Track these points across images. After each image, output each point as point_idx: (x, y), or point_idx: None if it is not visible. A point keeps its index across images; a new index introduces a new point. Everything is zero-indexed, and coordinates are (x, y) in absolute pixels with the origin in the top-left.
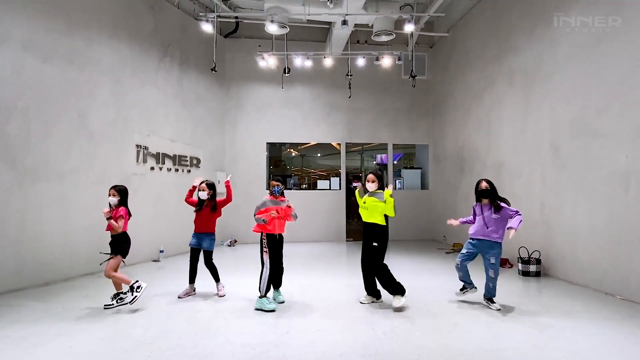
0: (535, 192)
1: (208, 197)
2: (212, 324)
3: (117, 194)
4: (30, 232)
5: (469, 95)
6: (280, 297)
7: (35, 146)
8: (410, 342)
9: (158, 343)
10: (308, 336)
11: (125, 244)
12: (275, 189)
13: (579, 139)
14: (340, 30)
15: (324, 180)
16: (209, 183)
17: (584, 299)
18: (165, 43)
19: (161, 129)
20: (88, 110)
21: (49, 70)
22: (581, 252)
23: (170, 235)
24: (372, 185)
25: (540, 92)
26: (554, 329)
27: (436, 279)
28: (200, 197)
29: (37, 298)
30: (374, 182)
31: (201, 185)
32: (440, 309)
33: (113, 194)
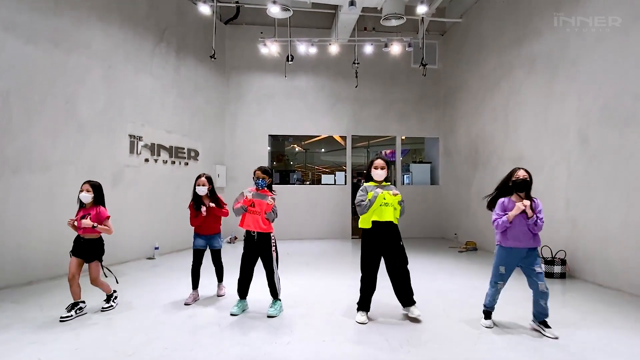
0: (560, 187)
1: (207, 192)
2: (204, 331)
3: (91, 190)
4: (11, 228)
5: (484, 84)
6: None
7: (17, 134)
8: (429, 356)
9: (140, 354)
10: (311, 348)
11: (103, 247)
12: (259, 181)
13: (612, 127)
14: (347, 15)
15: (328, 175)
16: (208, 176)
17: (617, 303)
18: (161, 27)
19: (157, 119)
20: (76, 97)
21: (32, 52)
22: (613, 252)
23: (166, 231)
24: (382, 172)
25: (566, 78)
26: (590, 338)
27: (452, 280)
28: (199, 192)
29: (16, 299)
30: (384, 168)
31: (200, 180)
32: (460, 316)
33: (87, 189)
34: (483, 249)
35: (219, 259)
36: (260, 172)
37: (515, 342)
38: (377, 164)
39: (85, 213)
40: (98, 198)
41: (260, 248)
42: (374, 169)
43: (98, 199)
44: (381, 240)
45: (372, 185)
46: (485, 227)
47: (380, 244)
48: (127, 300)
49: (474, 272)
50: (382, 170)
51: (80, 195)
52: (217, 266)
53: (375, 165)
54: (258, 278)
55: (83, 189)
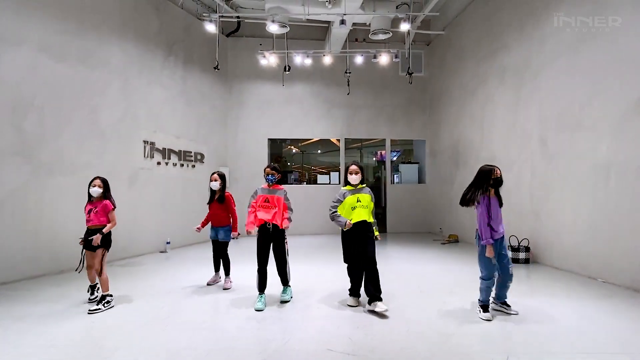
0: (525, 183)
1: (220, 187)
2: (218, 304)
3: (102, 185)
4: (47, 223)
5: (464, 91)
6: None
7: (50, 142)
8: (401, 317)
9: (172, 318)
10: (307, 313)
11: (110, 236)
12: (269, 177)
13: (565, 132)
14: (338, 30)
15: (324, 175)
16: (220, 173)
17: (568, 282)
18: (169, 43)
19: (167, 126)
20: (99, 107)
21: (62, 70)
22: (566, 239)
23: (177, 227)
24: (357, 177)
25: (530, 88)
26: (538, 307)
27: (430, 265)
28: (212, 187)
29: (55, 284)
30: (358, 173)
31: (213, 176)
32: (432, 291)
33: (99, 185)
34: (464, 241)
35: (224, 251)
36: (269, 169)
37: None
38: (352, 169)
39: (92, 207)
40: (105, 192)
41: (274, 239)
42: (349, 174)
43: (105, 193)
44: (357, 235)
45: (348, 190)
46: (466, 222)
47: (356, 239)
48: (148, 285)
49: (451, 259)
50: (356, 175)
51: (92, 190)
52: (223, 259)
53: (350, 171)
54: (254, 267)
55: (95, 184)
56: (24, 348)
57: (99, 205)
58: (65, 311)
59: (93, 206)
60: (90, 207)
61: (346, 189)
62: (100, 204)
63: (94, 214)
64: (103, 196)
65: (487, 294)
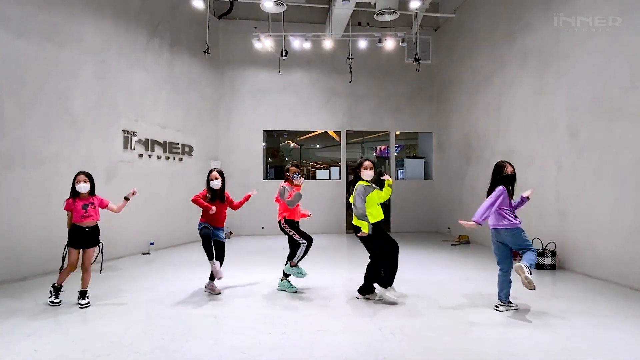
0: (550, 180)
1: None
2: (200, 323)
3: (88, 180)
4: (4, 224)
5: (477, 79)
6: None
7: (10, 129)
8: (421, 343)
9: (136, 345)
10: (306, 337)
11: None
12: (296, 175)
13: (601, 121)
14: (340, 10)
15: (323, 170)
16: (219, 170)
17: (604, 292)
18: (153, 22)
19: (151, 114)
20: (69, 91)
21: (24, 47)
22: (601, 243)
23: (162, 226)
24: (371, 172)
25: (556, 72)
26: (578, 329)
27: (445, 272)
28: (214, 187)
29: (11, 294)
30: (372, 169)
31: (213, 174)
32: (452, 305)
33: (85, 180)
34: (476, 242)
35: (224, 250)
36: (295, 168)
37: (515, 324)
38: (366, 165)
39: (87, 202)
40: (92, 187)
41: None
42: (364, 169)
43: (92, 188)
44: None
45: (367, 186)
46: None
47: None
48: (122, 295)
49: (466, 264)
50: (370, 170)
51: (78, 186)
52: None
53: (364, 166)
54: (259, 267)
55: (80, 180)
56: None
57: (95, 200)
58: (9, 333)
59: (87, 201)
60: (85, 202)
61: (365, 185)
62: (96, 200)
63: (92, 209)
64: (92, 191)
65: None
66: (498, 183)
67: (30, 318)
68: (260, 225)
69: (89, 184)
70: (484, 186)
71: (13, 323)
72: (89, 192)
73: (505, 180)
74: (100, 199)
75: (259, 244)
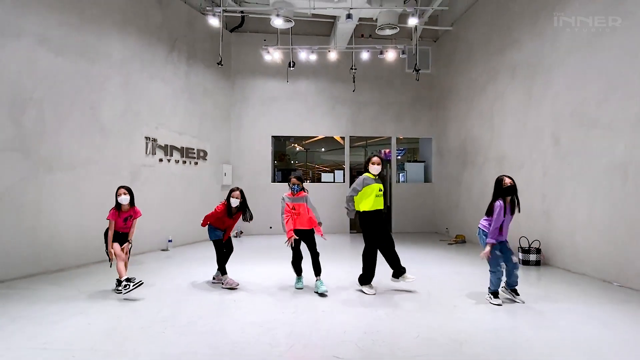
0: (536, 183)
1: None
2: (221, 305)
3: (128, 193)
4: (45, 220)
5: (472, 88)
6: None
7: (50, 137)
8: (409, 321)
9: (171, 321)
10: (313, 316)
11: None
12: (294, 187)
13: (579, 130)
14: (344, 24)
15: (328, 173)
16: (241, 190)
17: (582, 285)
18: (172, 37)
19: (169, 122)
20: (99, 102)
21: (62, 64)
22: (580, 241)
23: (179, 225)
24: (378, 167)
25: (542, 85)
26: (551, 312)
27: (439, 268)
28: (232, 204)
29: (53, 282)
30: (379, 164)
31: (235, 193)
32: (440, 293)
33: (124, 192)
34: (471, 242)
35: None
36: (295, 179)
37: (495, 308)
38: (374, 160)
39: (127, 215)
40: (132, 199)
41: (305, 239)
42: (372, 164)
43: (132, 200)
44: (377, 221)
45: (372, 178)
46: (473, 222)
47: (378, 223)
48: (149, 284)
49: (459, 261)
50: (378, 165)
51: (120, 198)
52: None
53: (372, 161)
54: (259, 266)
55: (120, 193)
56: (16, 351)
57: (133, 213)
58: (61, 312)
59: (128, 215)
60: (126, 216)
61: (370, 177)
62: (133, 211)
63: (130, 221)
64: (132, 203)
65: (496, 283)
66: (498, 196)
67: (76, 301)
68: (269, 225)
69: (129, 195)
70: (479, 190)
71: (63, 305)
72: (129, 204)
73: (504, 193)
74: (137, 210)
75: (267, 242)
